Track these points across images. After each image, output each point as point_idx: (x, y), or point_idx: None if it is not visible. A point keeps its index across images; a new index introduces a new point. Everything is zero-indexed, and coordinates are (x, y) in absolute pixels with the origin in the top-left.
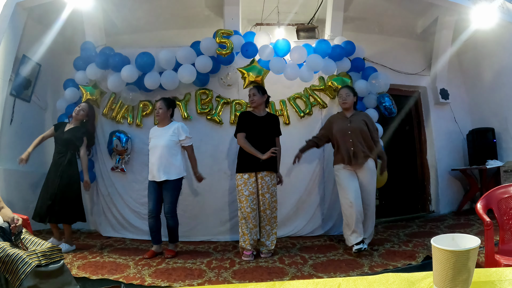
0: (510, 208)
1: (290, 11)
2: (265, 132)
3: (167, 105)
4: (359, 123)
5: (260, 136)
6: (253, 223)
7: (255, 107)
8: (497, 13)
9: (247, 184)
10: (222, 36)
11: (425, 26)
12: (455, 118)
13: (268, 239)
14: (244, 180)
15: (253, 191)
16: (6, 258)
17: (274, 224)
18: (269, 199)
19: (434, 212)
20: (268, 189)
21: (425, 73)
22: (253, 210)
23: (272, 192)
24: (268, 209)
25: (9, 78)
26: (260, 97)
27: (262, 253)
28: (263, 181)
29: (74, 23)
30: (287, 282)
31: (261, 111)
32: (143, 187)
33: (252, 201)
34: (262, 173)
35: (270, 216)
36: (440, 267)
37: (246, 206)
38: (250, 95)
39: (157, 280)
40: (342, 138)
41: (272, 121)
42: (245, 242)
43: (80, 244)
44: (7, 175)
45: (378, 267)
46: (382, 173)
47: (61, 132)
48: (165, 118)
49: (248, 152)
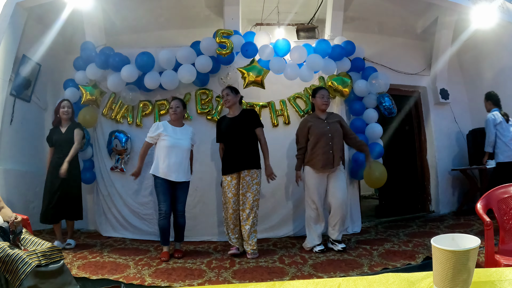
0: (510, 208)
1: (290, 11)
2: (240, 130)
3: (183, 105)
4: (336, 125)
5: (235, 136)
6: (234, 223)
7: (229, 107)
8: (497, 13)
9: (230, 186)
10: (222, 36)
11: (425, 26)
12: (455, 118)
13: (248, 239)
14: (228, 182)
15: (235, 192)
16: (6, 258)
17: (253, 223)
18: (250, 198)
19: (434, 212)
20: (248, 188)
21: (425, 73)
22: (234, 211)
23: (253, 191)
24: (248, 208)
25: (9, 78)
26: (234, 97)
27: (248, 253)
28: (243, 181)
29: (74, 23)
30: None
31: (235, 111)
32: (143, 187)
33: (234, 203)
34: (244, 173)
35: (249, 215)
36: (440, 267)
37: (229, 207)
38: (223, 95)
39: (157, 280)
40: (323, 141)
41: (247, 116)
42: (231, 239)
43: (80, 244)
44: (7, 175)
45: (377, 267)
46: (370, 164)
47: (59, 135)
48: (181, 118)
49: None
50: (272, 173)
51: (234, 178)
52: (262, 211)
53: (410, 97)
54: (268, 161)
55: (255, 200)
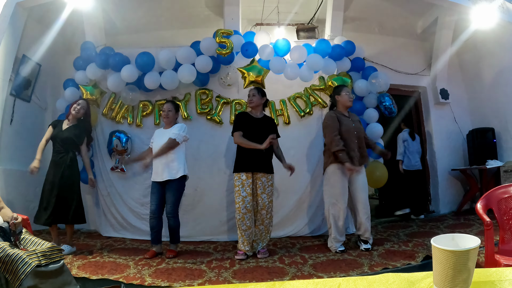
0: (510, 208)
1: (290, 11)
2: (261, 133)
3: (175, 108)
4: (359, 124)
5: (256, 136)
6: (247, 224)
7: (253, 108)
8: (497, 13)
9: (245, 185)
10: (222, 36)
11: (425, 26)
12: (455, 118)
13: (262, 240)
14: (242, 181)
15: (250, 192)
16: (6, 258)
17: (269, 226)
18: (265, 199)
19: (434, 212)
20: (264, 189)
21: (425, 73)
22: (248, 211)
23: (269, 193)
24: (263, 210)
25: (9, 78)
26: (259, 99)
27: (258, 253)
28: (259, 182)
29: (74, 23)
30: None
31: (258, 113)
32: (143, 187)
33: (248, 202)
34: (259, 174)
35: (265, 216)
36: (440, 267)
37: (242, 207)
38: (249, 95)
39: (157, 280)
40: (349, 139)
41: (268, 123)
42: (243, 244)
43: (80, 244)
44: (7, 175)
45: (377, 267)
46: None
47: (60, 131)
48: (173, 121)
49: (246, 147)
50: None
51: (249, 177)
52: None
53: (410, 97)
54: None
55: (270, 202)
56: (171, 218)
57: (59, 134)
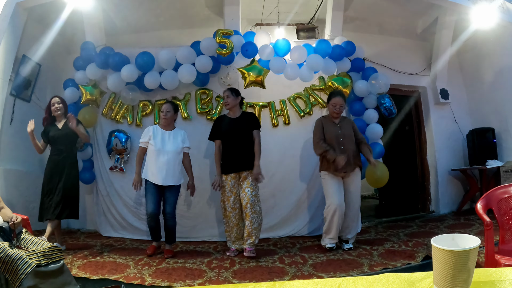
0: (510, 208)
1: (290, 11)
2: (241, 131)
3: (174, 109)
4: (349, 129)
5: (236, 136)
6: (233, 221)
7: (229, 109)
8: (497, 13)
9: (230, 186)
10: (222, 36)
11: (425, 26)
12: (455, 118)
13: (251, 237)
14: (228, 182)
15: (235, 191)
16: (6, 258)
17: (255, 221)
18: (249, 193)
19: (434, 212)
20: (248, 184)
21: (425, 73)
22: (233, 210)
23: (252, 186)
24: (248, 203)
25: (9, 78)
26: (234, 99)
27: (245, 251)
28: (243, 178)
29: (74, 23)
30: (287, 282)
31: (236, 112)
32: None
33: (233, 201)
34: (244, 173)
35: (250, 210)
36: (440, 267)
37: (228, 206)
38: (224, 97)
39: (157, 280)
40: (332, 144)
41: (247, 118)
42: (230, 241)
43: (80, 244)
44: (7, 175)
45: (377, 267)
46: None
47: (56, 131)
48: (172, 122)
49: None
50: (260, 173)
51: (234, 177)
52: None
53: (410, 97)
54: (258, 161)
55: (253, 196)
56: (170, 219)
57: (57, 134)
